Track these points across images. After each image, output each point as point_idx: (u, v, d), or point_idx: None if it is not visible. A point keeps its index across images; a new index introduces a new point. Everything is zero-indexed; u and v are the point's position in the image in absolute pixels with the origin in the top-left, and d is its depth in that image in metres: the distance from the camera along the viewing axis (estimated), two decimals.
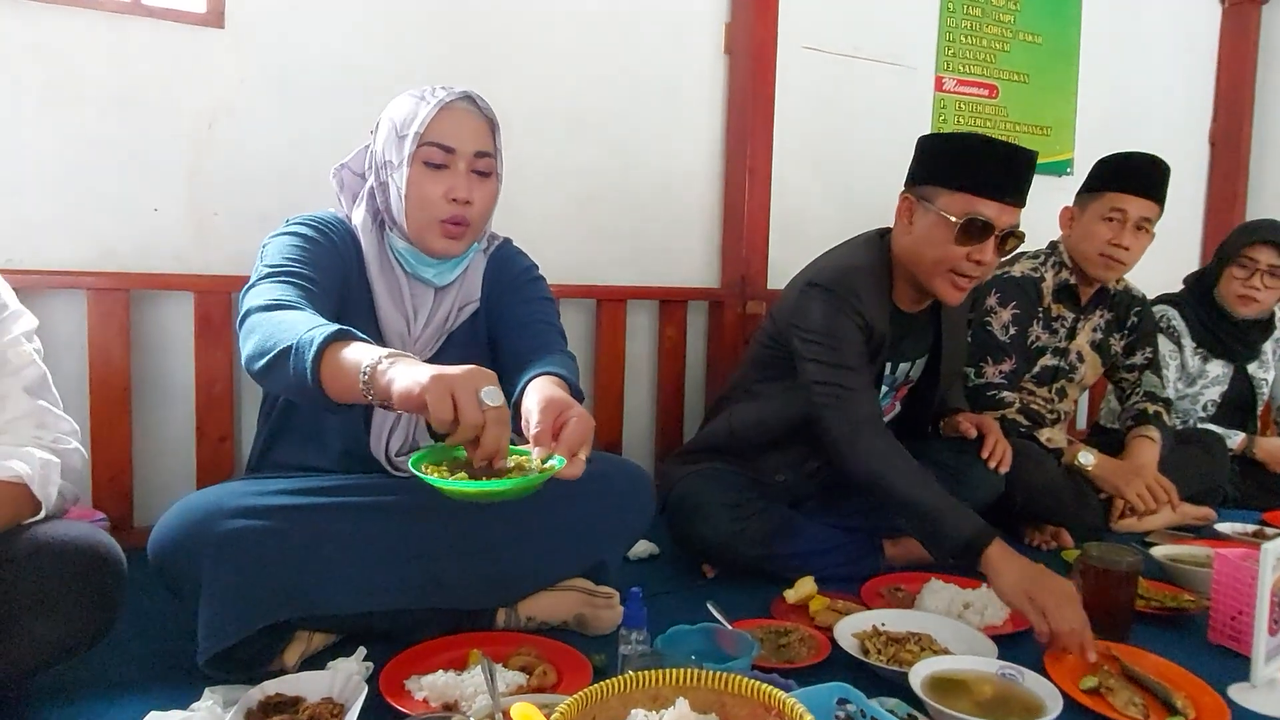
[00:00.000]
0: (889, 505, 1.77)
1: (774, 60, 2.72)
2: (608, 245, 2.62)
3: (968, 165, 1.82)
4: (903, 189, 1.95)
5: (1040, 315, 2.42)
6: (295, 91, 2.15)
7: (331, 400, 1.19)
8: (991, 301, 2.38)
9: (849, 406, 1.81)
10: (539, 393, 1.26)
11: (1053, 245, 2.47)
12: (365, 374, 1.13)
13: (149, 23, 1.99)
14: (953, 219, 1.81)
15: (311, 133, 2.15)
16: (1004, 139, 1.89)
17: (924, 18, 3.14)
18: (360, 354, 1.16)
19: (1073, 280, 2.42)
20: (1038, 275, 2.42)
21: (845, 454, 1.80)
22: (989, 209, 1.81)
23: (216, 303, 2.04)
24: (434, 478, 1.15)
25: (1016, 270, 2.42)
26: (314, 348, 1.16)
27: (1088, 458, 2.27)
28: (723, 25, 2.73)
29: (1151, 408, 2.48)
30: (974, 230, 1.81)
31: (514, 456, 1.22)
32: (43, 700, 1.31)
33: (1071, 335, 2.47)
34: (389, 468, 1.59)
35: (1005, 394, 2.34)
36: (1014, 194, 1.83)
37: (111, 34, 1.96)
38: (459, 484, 1.13)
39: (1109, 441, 2.54)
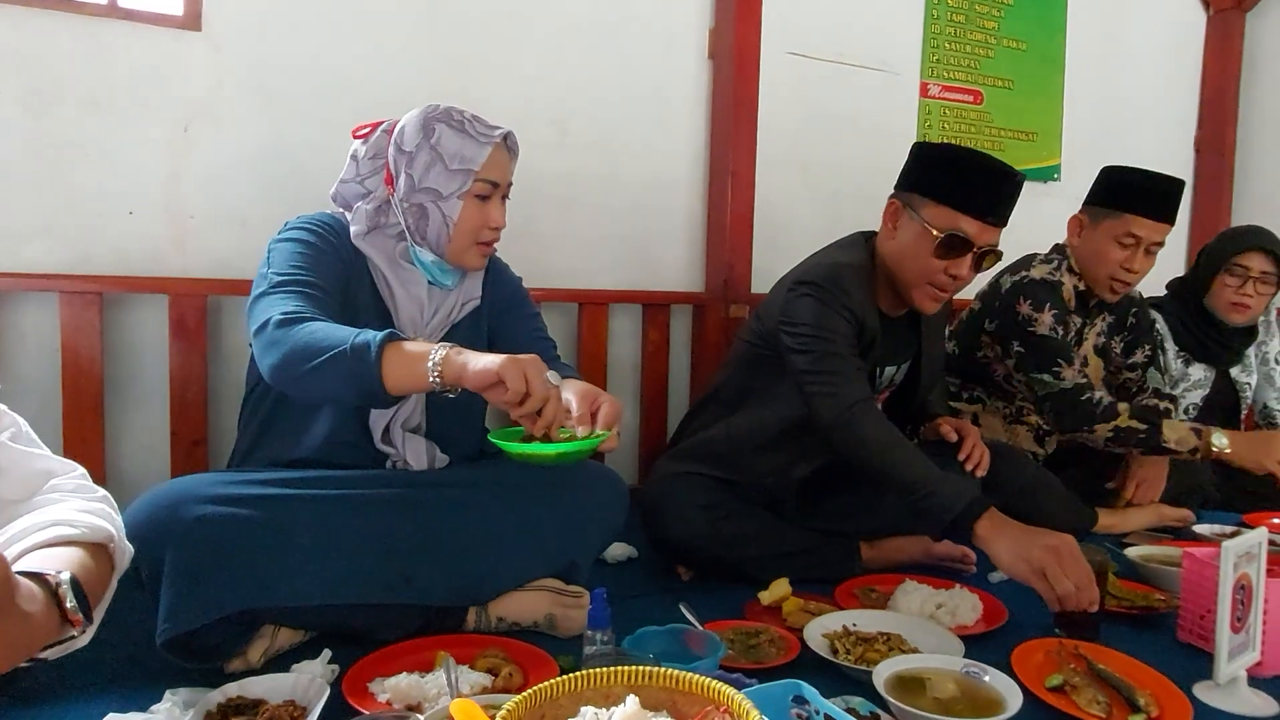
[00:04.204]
0: (883, 484, 1.78)
1: (757, 65, 2.72)
2: (591, 249, 2.62)
3: (956, 180, 1.83)
4: (892, 192, 1.95)
5: (1066, 318, 2.33)
6: (273, 95, 2.15)
7: (387, 393, 1.34)
8: (1025, 309, 2.27)
9: (840, 391, 1.81)
10: (573, 386, 1.48)
11: (1059, 249, 2.41)
12: (437, 361, 1.33)
13: (126, 25, 1.99)
14: (935, 232, 1.82)
15: (289, 136, 2.15)
16: (992, 154, 1.87)
17: (908, 24, 3.15)
18: (422, 346, 1.36)
19: (1082, 287, 2.38)
20: (1056, 278, 2.33)
21: (838, 438, 1.80)
22: (970, 226, 1.81)
23: (192, 306, 2.03)
24: (512, 444, 1.39)
25: (1036, 273, 2.31)
26: (374, 348, 1.33)
27: (1221, 440, 2.19)
28: (706, 30, 2.74)
29: (1163, 405, 2.42)
30: (954, 245, 1.82)
31: (562, 434, 1.41)
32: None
33: (1079, 340, 2.45)
34: (379, 443, 1.63)
35: (1115, 402, 2.22)
36: (997, 214, 1.84)
37: (88, 36, 1.96)
38: (538, 447, 1.36)
39: None
